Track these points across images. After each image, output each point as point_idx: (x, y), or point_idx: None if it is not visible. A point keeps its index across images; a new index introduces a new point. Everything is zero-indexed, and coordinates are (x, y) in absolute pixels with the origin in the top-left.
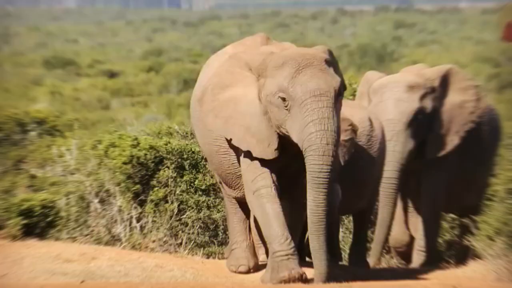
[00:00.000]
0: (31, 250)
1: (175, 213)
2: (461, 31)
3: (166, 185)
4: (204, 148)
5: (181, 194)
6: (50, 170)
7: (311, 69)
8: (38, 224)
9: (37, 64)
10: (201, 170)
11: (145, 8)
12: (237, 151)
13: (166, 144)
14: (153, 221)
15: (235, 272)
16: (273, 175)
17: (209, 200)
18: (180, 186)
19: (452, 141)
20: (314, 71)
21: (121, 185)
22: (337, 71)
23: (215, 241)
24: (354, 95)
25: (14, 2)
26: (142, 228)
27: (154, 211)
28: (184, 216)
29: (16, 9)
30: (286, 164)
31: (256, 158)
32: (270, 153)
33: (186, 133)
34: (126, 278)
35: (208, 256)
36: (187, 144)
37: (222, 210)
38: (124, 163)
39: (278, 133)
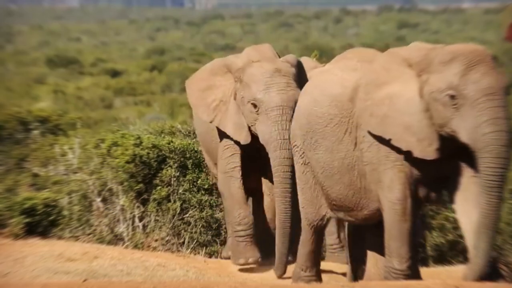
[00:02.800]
0: (34, 249)
1: (177, 212)
2: (464, 31)
3: (169, 184)
4: (332, 165)
5: (183, 193)
6: (52, 169)
7: (482, 66)
8: (41, 223)
9: (40, 62)
10: (203, 169)
11: (148, 7)
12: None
13: (169, 143)
14: (156, 220)
15: None
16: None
17: (211, 199)
18: (182, 185)
19: None
20: (486, 68)
21: (123, 184)
22: None
23: (217, 240)
24: None
25: (17, 1)
26: (144, 227)
27: (157, 210)
28: (187, 215)
29: (19, 8)
30: (438, 169)
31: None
32: (431, 152)
33: (189, 132)
34: (129, 277)
35: (210, 255)
36: (189, 143)
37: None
38: (127, 162)
39: (438, 133)
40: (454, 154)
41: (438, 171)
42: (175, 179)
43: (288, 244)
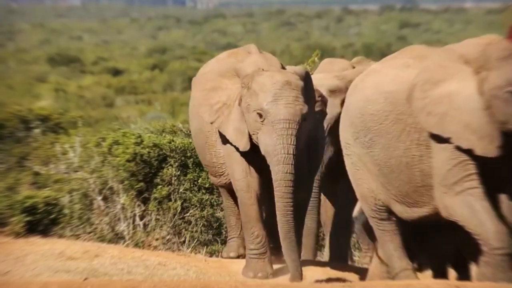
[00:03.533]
0: (34, 247)
1: (178, 211)
2: (466, 31)
3: (170, 183)
4: (389, 163)
5: (184, 192)
6: (53, 167)
7: None
8: (42, 221)
9: (41, 61)
10: (204, 169)
11: (150, 5)
12: (429, 155)
13: (170, 142)
14: (157, 219)
15: None
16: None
17: (212, 198)
18: (183, 184)
19: None
20: None
21: (124, 183)
22: None
23: (218, 239)
24: None
25: None
26: (145, 226)
27: (158, 209)
28: (188, 214)
29: (20, 6)
30: (496, 167)
31: (466, 157)
32: (492, 150)
33: (190, 131)
34: (129, 275)
35: (211, 254)
36: (190, 142)
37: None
38: (128, 160)
39: (500, 130)
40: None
41: (496, 169)
42: (175, 178)
43: (296, 250)
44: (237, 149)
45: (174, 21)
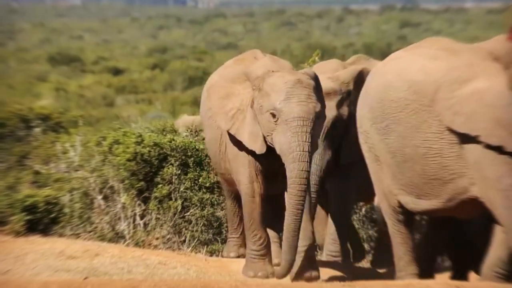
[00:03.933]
0: (34, 246)
1: (178, 210)
2: (466, 31)
3: (170, 182)
4: (404, 151)
5: (185, 192)
6: (54, 166)
7: None
8: (42, 220)
9: (41, 60)
10: (205, 168)
11: (150, 5)
12: (457, 149)
13: (170, 141)
14: (157, 218)
15: None
16: None
17: (213, 197)
18: (184, 183)
19: None
20: None
21: (125, 182)
22: None
23: (218, 238)
24: None
25: None
26: (145, 225)
27: (158, 208)
28: (188, 213)
29: (21, 5)
30: None
31: (502, 153)
32: None
33: (191, 131)
34: (129, 275)
35: (211, 253)
36: (191, 142)
37: (226, 208)
38: (128, 160)
39: None
40: None
41: None
42: (176, 177)
43: (295, 251)
44: (253, 153)
45: (175, 21)
